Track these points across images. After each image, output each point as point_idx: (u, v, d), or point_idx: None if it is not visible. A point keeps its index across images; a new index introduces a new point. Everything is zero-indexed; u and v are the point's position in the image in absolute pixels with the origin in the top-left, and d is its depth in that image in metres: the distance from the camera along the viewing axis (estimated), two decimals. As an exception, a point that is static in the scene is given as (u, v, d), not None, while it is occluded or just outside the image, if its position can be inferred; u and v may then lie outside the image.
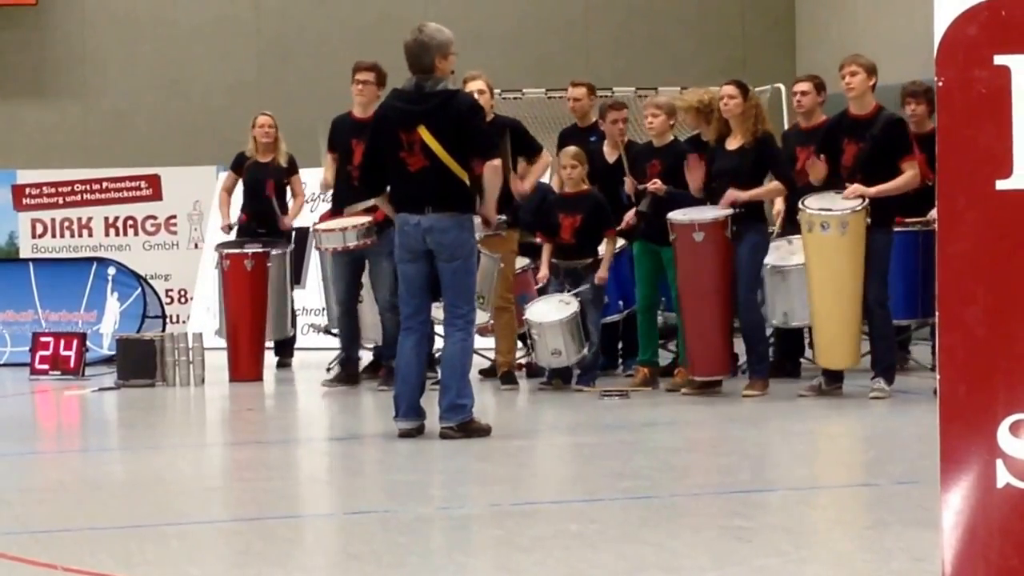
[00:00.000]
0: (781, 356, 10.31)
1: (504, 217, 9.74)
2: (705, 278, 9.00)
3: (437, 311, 7.94)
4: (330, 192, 10.48)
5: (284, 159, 11.52)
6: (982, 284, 3.20)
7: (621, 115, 10.27)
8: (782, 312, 9.62)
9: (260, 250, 10.96)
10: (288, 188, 11.61)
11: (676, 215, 9.09)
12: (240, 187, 11.70)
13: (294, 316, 11.76)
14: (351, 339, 10.27)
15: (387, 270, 9.91)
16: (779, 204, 9.89)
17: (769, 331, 9.95)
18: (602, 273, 9.66)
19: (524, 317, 9.72)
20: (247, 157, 11.57)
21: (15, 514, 5.65)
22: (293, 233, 11.56)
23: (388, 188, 7.68)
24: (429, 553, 4.81)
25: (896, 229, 9.59)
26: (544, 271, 9.81)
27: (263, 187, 11.45)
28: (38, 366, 11.35)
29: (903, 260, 9.57)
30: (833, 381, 8.95)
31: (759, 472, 6.60)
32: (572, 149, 9.93)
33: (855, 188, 8.61)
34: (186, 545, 5.03)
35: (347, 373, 10.20)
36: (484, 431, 7.45)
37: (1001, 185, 3.19)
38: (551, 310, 9.56)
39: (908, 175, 8.70)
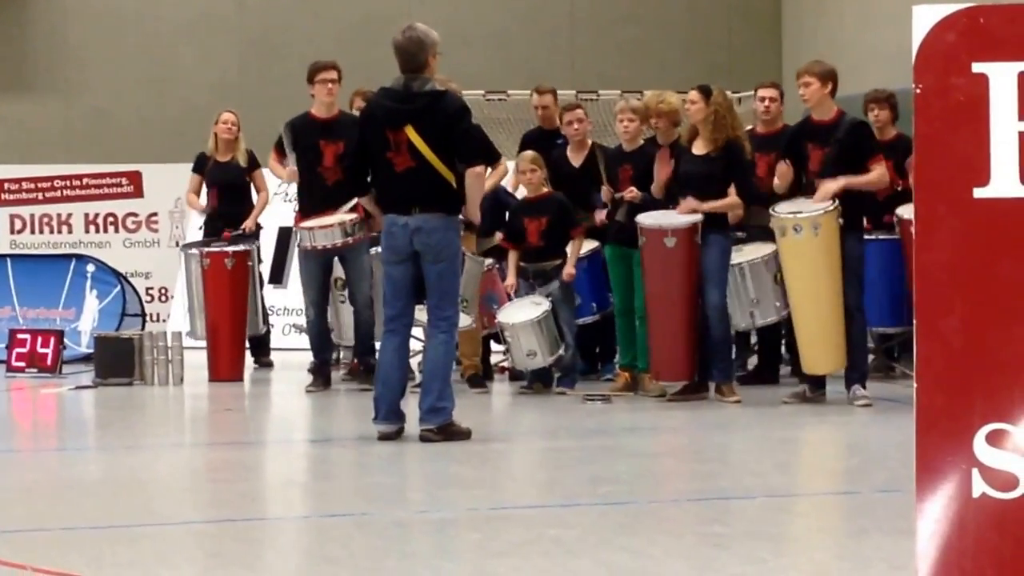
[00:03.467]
0: (761, 364, 10.29)
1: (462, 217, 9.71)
2: (674, 283, 8.98)
3: (419, 314, 7.90)
4: (294, 184, 10.38)
5: (244, 158, 11.45)
6: (959, 293, 3.18)
7: (575, 115, 10.22)
8: (748, 313, 9.53)
9: (241, 249, 10.91)
10: (251, 185, 11.54)
11: (645, 219, 9.08)
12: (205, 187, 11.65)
13: (266, 313, 11.69)
14: (322, 344, 10.18)
15: (367, 265, 9.88)
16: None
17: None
18: (569, 269, 9.64)
19: (496, 320, 9.71)
20: (208, 157, 11.50)
21: (-13, 514, 5.61)
22: (260, 229, 11.50)
23: (372, 188, 7.65)
24: (406, 557, 4.78)
25: (880, 237, 9.61)
26: (512, 279, 9.78)
27: (227, 188, 11.38)
28: (14, 363, 11.27)
29: (887, 268, 9.56)
30: (816, 388, 8.93)
31: (738, 479, 6.57)
32: (529, 154, 9.91)
33: (826, 185, 8.59)
34: (159, 546, 4.99)
35: (323, 377, 10.13)
36: (464, 434, 7.42)
37: (979, 193, 3.17)
38: (522, 311, 9.55)
39: (878, 172, 8.72)
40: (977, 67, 3.17)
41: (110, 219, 14.98)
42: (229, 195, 11.39)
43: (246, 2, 16.79)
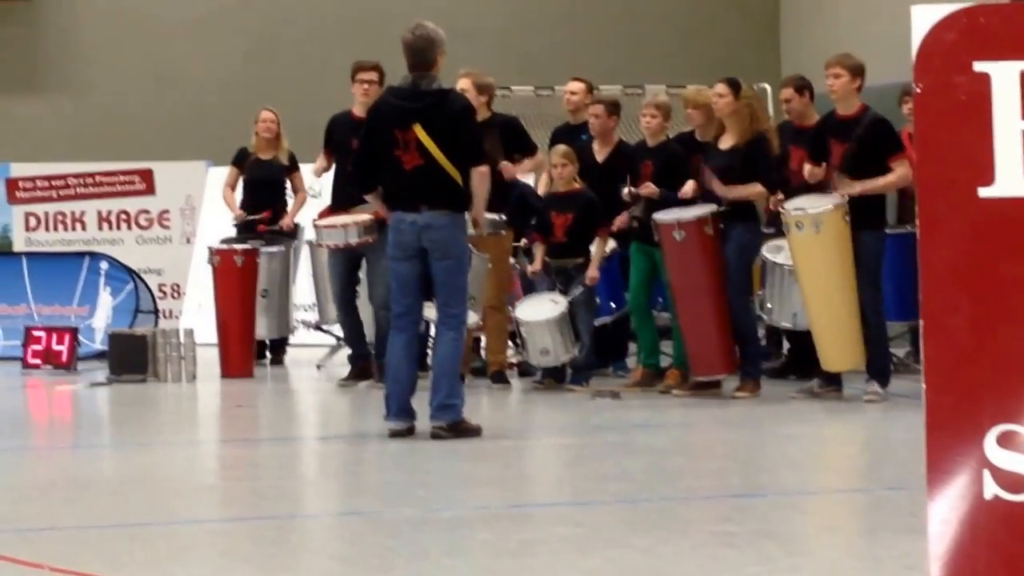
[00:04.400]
0: (794, 356, 10.18)
1: (503, 216, 9.73)
2: (693, 277, 8.98)
3: (429, 311, 7.92)
4: (324, 176, 10.41)
5: (285, 156, 11.50)
6: (966, 293, 3.16)
7: (594, 110, 10.23)
8: (791, 313, 9.48)
9: (250, 247, 10.94)
10: (289, 185, 11.58)
11: (660, 215, 9.08)
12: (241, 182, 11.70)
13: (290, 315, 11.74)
14: (355, 336, 10.23)
15: (384, 268, 9.88)
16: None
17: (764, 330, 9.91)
18: (592, 273, 9.63)
19: (513, 315, 9.72)
20: (249, 153, 11.55)
21: (2, 512, 5.63)
22: (300, 230, 11.55)
23: (379, 186, 7.68)
24: (416, 556, 4.79)
25: (888, 231, 9.58)
26: (538, 265, 9.78)
27: (263, 185, 11.43)
28: (30, 360, 11.32)
29: (893, 262, 9.52)
30: (828, 384, 8.92)
31: (750, 476, 6.58)
32: (562, 148, 9.92)
33: (844, 190, 8.57)
34: (172, 545, 5.01)
35: (359, 369, 10.15)
36: (474, 431, 7.43)
37: (984, 193, 3.16)
38: (540, 309, 9.55)
39: (898, 173, 8.65)
40: (978, 66, 3.15)
41: (123, 216, 15.03)
42: (264, 192, 11.44)
43: (250, 0, 16.84)
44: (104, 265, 12.74)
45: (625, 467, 6.70)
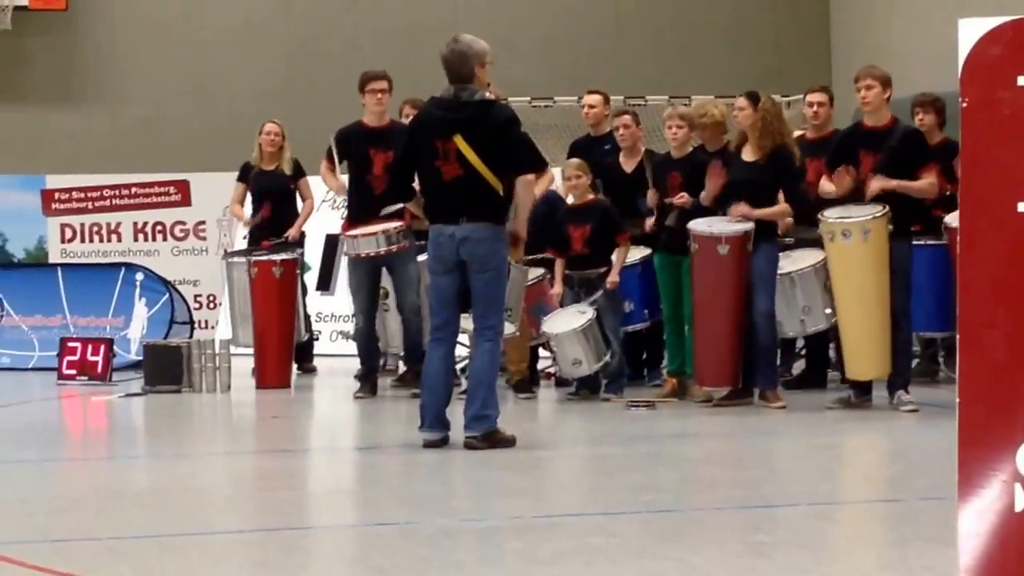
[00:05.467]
0: (808, 369, 10.26)
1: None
2: (724, 290, 8.98)
3: (464, 321, 7.94)
4: (345, 194, 10.42)
5: (288, 167, 11.54)
6: (1003, 307, 3.16)
7: (622, 121, 10.25)
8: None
9: (289, 257, 10.99)
10: (296, 193, 11.61)
11: (698, 225, 9.07)
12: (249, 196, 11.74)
13: (308, 320, 11.75)
14: (370, 351, 10.24)
15: (413, 273, 9.92)
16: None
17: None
18: (613, 278, 9.62)
19: (542, 330, 9.72)
20: (252, 166, 11.60)
21: (37, 523, 5.67)
22: (304, 237, 11.59)
23: (419, 195, 7.70)
24: (450, 566, 4.81)
25: (927, 242, 9.57)
26: (558, 287, 9.78)
27: (269, 196, 11.45)
28: (65, 371, 11.40)
29: (934, 273, 9.51)
30: (862, 394, 8.91)
31: (782, 486, 6.56)
32: (575, 161, 9.94)
33: (880, 182, 8.55)
34: (206, 556, 5.04)
35: (371, 384, 10.18)
36: (508, 441, 7.45)
37: (1023, 208, 3.15)
38: (567, 320, 9.56)
39: (928, 181, 8.70)
40: (1023, 80, 3.15)
41: (158, 227, 15.13)
42: (274, 204, 11.47)
43: (291, 10, 16.89)
44: (139, 276, 12.82)
45: (658, 477, 6.71)
